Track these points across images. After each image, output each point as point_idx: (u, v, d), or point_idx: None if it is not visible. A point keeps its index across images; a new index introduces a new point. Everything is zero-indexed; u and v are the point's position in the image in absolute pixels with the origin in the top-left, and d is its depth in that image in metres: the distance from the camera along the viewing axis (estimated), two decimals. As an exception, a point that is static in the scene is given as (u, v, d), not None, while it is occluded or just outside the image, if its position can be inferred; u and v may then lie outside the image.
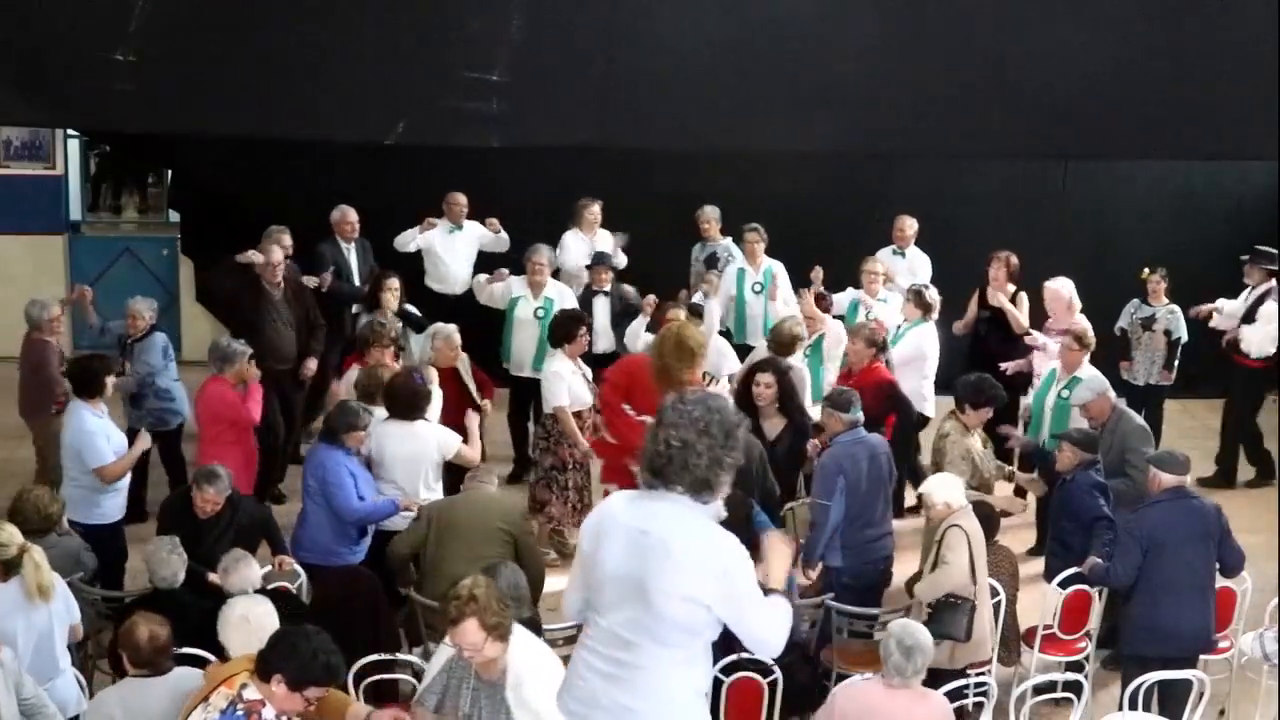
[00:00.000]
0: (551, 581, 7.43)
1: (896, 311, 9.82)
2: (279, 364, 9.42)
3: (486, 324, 10.11)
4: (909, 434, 8.47)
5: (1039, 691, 6.36)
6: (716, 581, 4.00)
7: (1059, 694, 6.54)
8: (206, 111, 6.28)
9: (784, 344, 8.73)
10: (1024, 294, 10.11)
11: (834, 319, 9.73)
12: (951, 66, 6.00)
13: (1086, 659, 7.30)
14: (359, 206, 10.62)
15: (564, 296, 9.91)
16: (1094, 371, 8.83)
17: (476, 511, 6.95)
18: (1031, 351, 9.65)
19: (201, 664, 5.76)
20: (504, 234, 10.79)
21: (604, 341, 9.73)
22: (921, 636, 5.46)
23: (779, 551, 4.35)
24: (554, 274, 10.12)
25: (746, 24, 6.06)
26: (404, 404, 7.63)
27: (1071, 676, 6.54)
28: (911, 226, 11.05)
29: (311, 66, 6.06)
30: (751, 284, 10.51)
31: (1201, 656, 6.81)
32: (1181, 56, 5.89)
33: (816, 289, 9.75)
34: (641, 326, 9.39)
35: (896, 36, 6.03)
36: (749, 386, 8.06)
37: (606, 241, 10.89)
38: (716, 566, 4.01)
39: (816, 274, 9.80)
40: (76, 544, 7.00)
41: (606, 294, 10.10)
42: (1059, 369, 8.86)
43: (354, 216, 10.54)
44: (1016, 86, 6.01)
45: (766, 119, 6.24)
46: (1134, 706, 6.31)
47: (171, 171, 13.38)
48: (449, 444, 7.71)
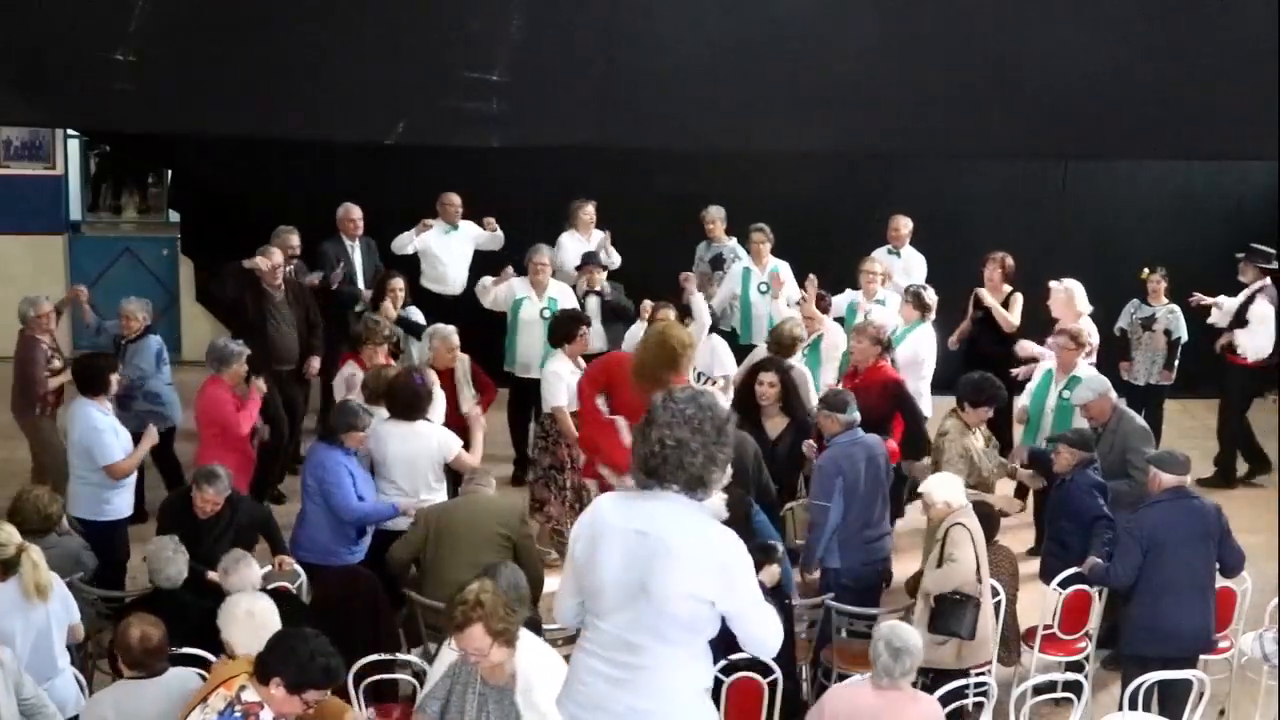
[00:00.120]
0: (552, 582, 7.44)
1: (894, 313, 9.77)
2: (281, 364, 9.44)
3: (484, 325, 10.10)
4: (918, 434, 8.43)
5: (1039, 691, 6.36)
6: (717, 576, 4.01)
7: (1059, 694, 6.54)
8: (206, 111, 6.28)
9: (784, 345, 8.73)
10: (1019, 294, 10.07)
11: (833, 321, 9.73)
12: (951, 66, 5.99)
13: (1086, 659, 7.30)
14: (359, 206, 10.63)
15: (565, 296, 9.92)
16: (1093, 371, 8.81)
17: (474, 516, 6.95)
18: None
19: (201, 664, 5.78)
20: (499, 233, 10.79)
21: (596, 341, 9.72)
22: (910, 638, 5.44)
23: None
24: (551, 274, 10.11)
25: (746, 24, 6.05)
26: (404, 404, 7.63)
27: (1071, 676, 6.54)
28: (906, 226, 11.03)
29: (311, 66, 6.05)
30: (757, 284, 10.51)
31: (1201, 656, 6.81)
32: (1181, 56, 5.89)
33: (816, 290, 9.74)
34: (640, 330, 9.36)
35: (896, 36, 6.02)
36: (751, 386, 8.06)
37: (604, 242, 10.90)
38: (716, 562, 4.01)
39: (811, 282, 9.80)
40: (76, 544, 7.01)
41: (597, 293, 10.09)
42: (1055, 369, 8.85)
43: (357, 214, 10.55)
44: (1016, 86, 6.00)
45: (766, 119, 6.23)
46: (1134, 706, 6.31)
47: (171, 171, 13.39)
48: (450, 446, 7.71)
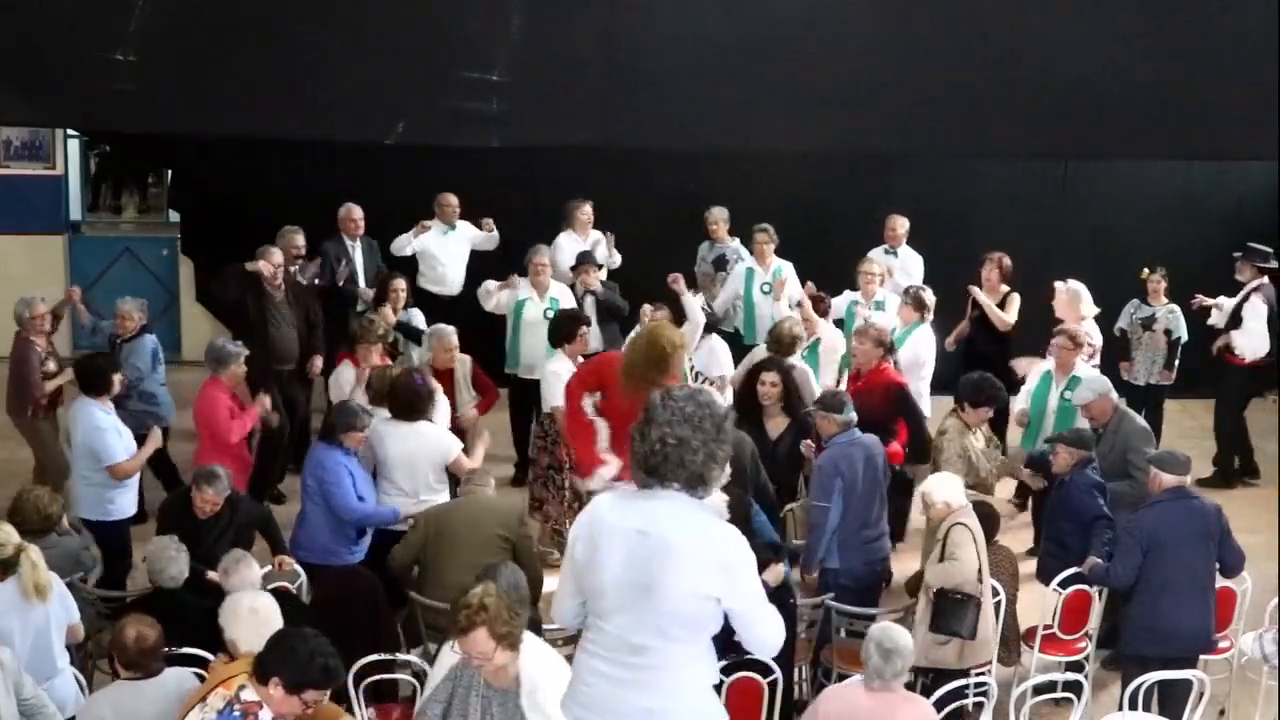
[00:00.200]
0: (551, 582, 7.43)
1: (893, 315, 9.72)
2: (281, 364, 9.44)
3: (483, 326, 10.08)
4: (921, 438, 8.37)
5: (1039, 691, 6.36)
6: (720, 574, 4.00)
7: (1059, 694, 6.53)
8: (206, 111, 6.29)
9: (783, 344, 8.70)
10: (1016, 295, 10.07)
11: (833, 324, 9.70)
12: (951, 66, 6.00)
13: (1086, 659, 7.29)
14: (360, 206, 10.62)
15: (566, 297, 9.91)
16: (1094, 371, 8.80)
17: (474, 518, 6.91)
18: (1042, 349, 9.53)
19: (202, 664, 5.77)
20: (495, 233, 10.79)
21: (593, 341, 9.70)
22: (901, 639, 5.41)
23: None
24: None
25: (747, 24, 6.05)
26: (404, 404, 7.62)
27: (1071, 676, 6.53)
28: (903, 225, 11.01)
29: (311, 66, 6.06)
30: (760, 284, 10.47)
31: (1201, 656, 6.81)
32: (1181, 56, 5.89)
33: (814, 293, 9.73)
34: None
35: (896, 36, 6.03)
36: (753, 386, 8.05)
37: (602, 243, 10.89)
38: (719, 559, 4.01)
39: (809, 287, 9.79)
40: (76, 544, 7.00)
41: (593, 293, 10.09)
42: (1055, 369, 8.84)
43: (358, 214, 10.54)
44: (1016, 86, 6.01)
45: (766, 119, 6.24)
46: (1134, 706, 6.31)
47: (171, 171, 13.37)
48: (450, 448, 7.69)
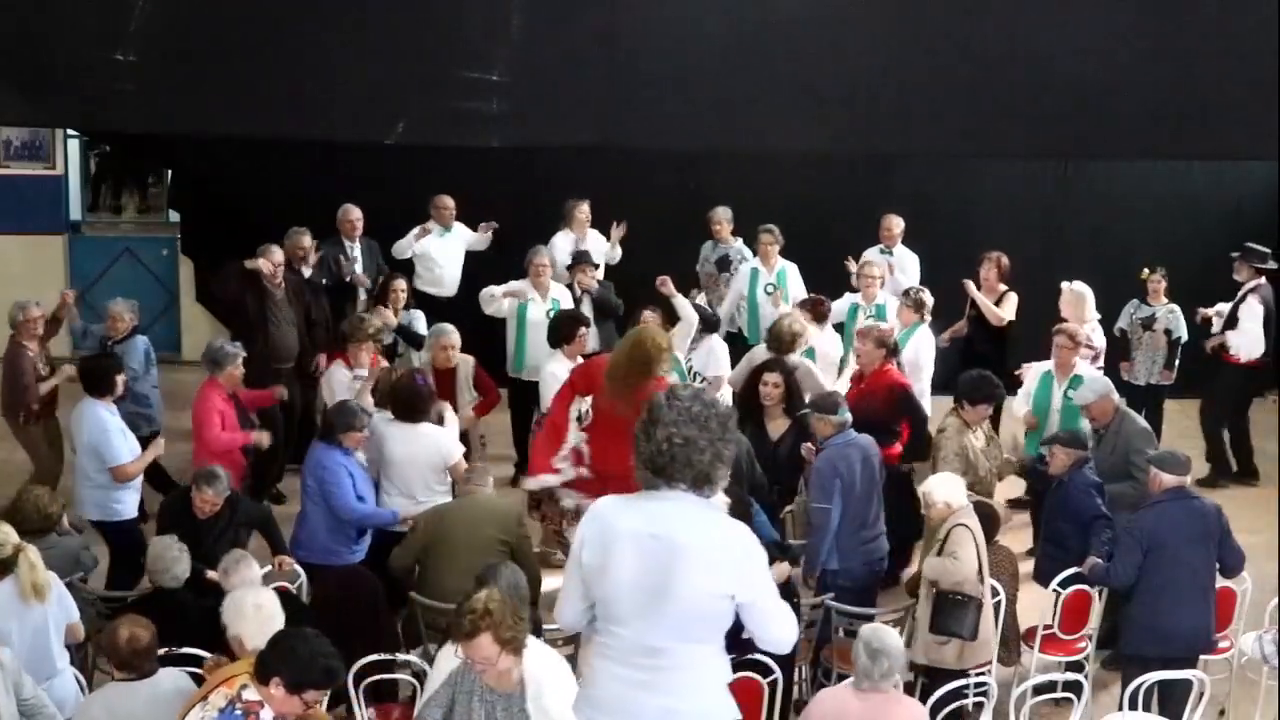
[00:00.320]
0: (552, 581, 7.43)
1: (892, 316, 9.72)
2: (281, 363, 9.44)
3: (482, 327, 10.05)
4: (922, 437, 8.37)
5: (1039, 691, 6.36)
6: (735, 571, 4.00)
7: (1059, 694, 6.53)
8: (206, 111, 6.28)
9: (784, 341, 8.69)
10: (1012, 293, 10.11)
11: (832, 329, 9.68)
12: (951, 66, 5.99)
13: (1086, 659, 7.29)
14: (359, 206, 10.62)
15: (566, 298, 9.91)
16: (1095, 371, 8.80)
17: (472, 522, 6.88)
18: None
19: (201, 664, 5.76)
20: (488, 234, 10.81)
21: (590, 341, 9.70)
22: (889, 640, 5.41)
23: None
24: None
25: (747, 24, 6.05)
26: (404, 405, 7.62)
27: (1071, 676, 6.54)
28: (899, 225, 11.02)
29: (311, 66, 6.05)
30: (764, 285, 10.46)
31: (1201, 656, 6.81)
32: (1181, 56, 5.89)
33: (815, 296, 9.73)
34: None
35: (897, 36, 6.02)
36: (755, 386, 8.05)
37: (597, 241, 10.87)
38: (733, 556, 4.01)
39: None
40: (76, 544, 7.01)
41: (588, 293, 10.07)
42: (1055, 369, 8.84)
43: (356, 215, 10.54)
44: (1016, 86, 6.00)
45: (766, 119, 6.24)
46: (1134, 706, 6.31)
47: (171, 171, 13.38)
48: (451, 451, 7.68)
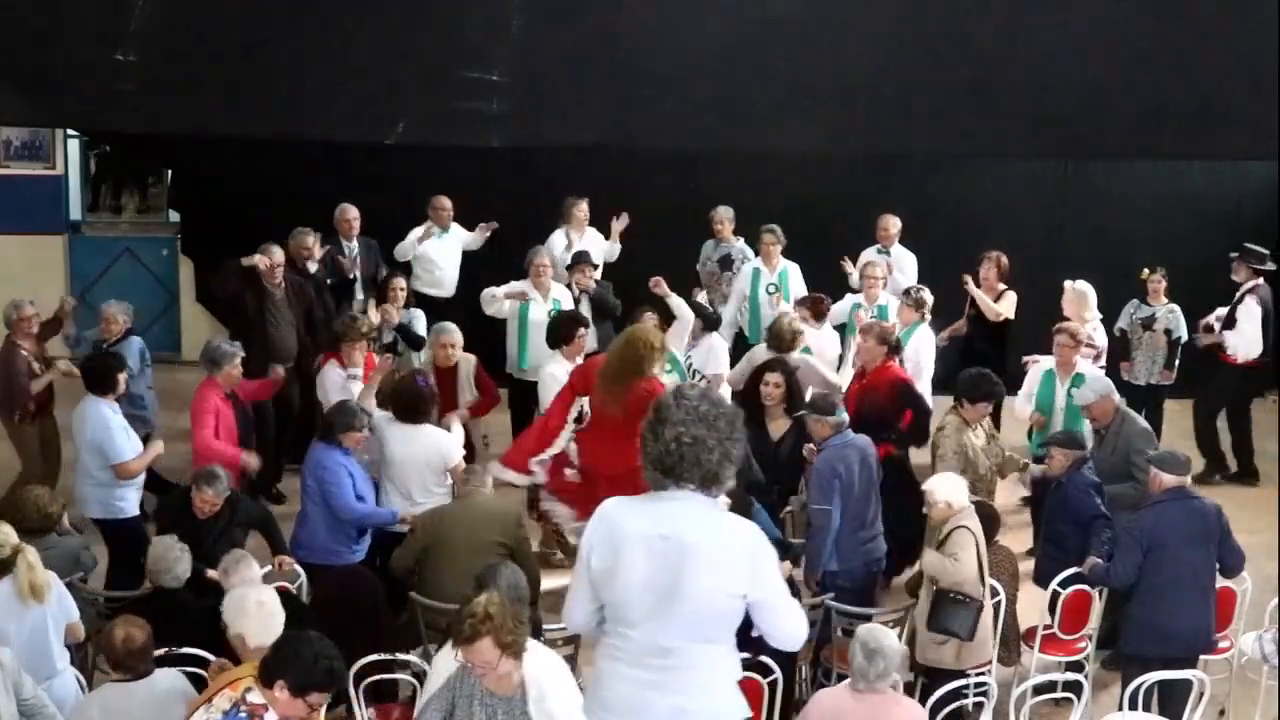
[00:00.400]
0: (553, 581, 7.44)
1: (893, 317, 9.72)
2: (280, 363, 9.44)
3: (480, 328, 10.05)
4: (924, 423, 8.41)
5: (1039, 691, 6.36)
6: (746, 569, 4.01)
7: (1059, 694, 6.54)
8: (206, 111, 6.27)
9: (785, 340, 8.70)
10: (1011, 292, 10.15)
11: (832, 329, 9.67)
12: (951, 66, 5.98)
13: (1086, 659, 7.29)
14: (359, 206, 10.62)
15: (567, 298, 9.90)
16: (1097, 371, 8.80)
17: (471, 526, 6.86)
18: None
19: (202, 664, 5.77)
20: (485, 233, 10.81)
21: (589, 342, 9.70)
22: (885, 640, 5.40)
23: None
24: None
25: (747, 24, 6.04)
26: (405, 405, 7.62)
27: (1071, 676, 6.54)
28: (895, 225, 11.04)
29: (311, 66, 6.05)
30: (766, 285, 10.45)
31: (1201, 656, 6.81)
32: (1181, 56, 5.88)
33: (817, 296, 9.73)
34: None
35: (896, 36, 6.02)
36: (756, 386, 8.04)
37: (595, 239, 10.87)
38: (743, 554, 4.01)
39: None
40: (76, 544, 7.02)
41: (586, 293, 10.06)
42: (1056, 368, 8.84)
43: (353, 214, 10.54)
44: (1016, 86, 6.00)
45: (766, 119, 6.23)
46: (1134, 706, 6.31)
47: (171, 171, 13.38)
48: (451, 453, 7.67)
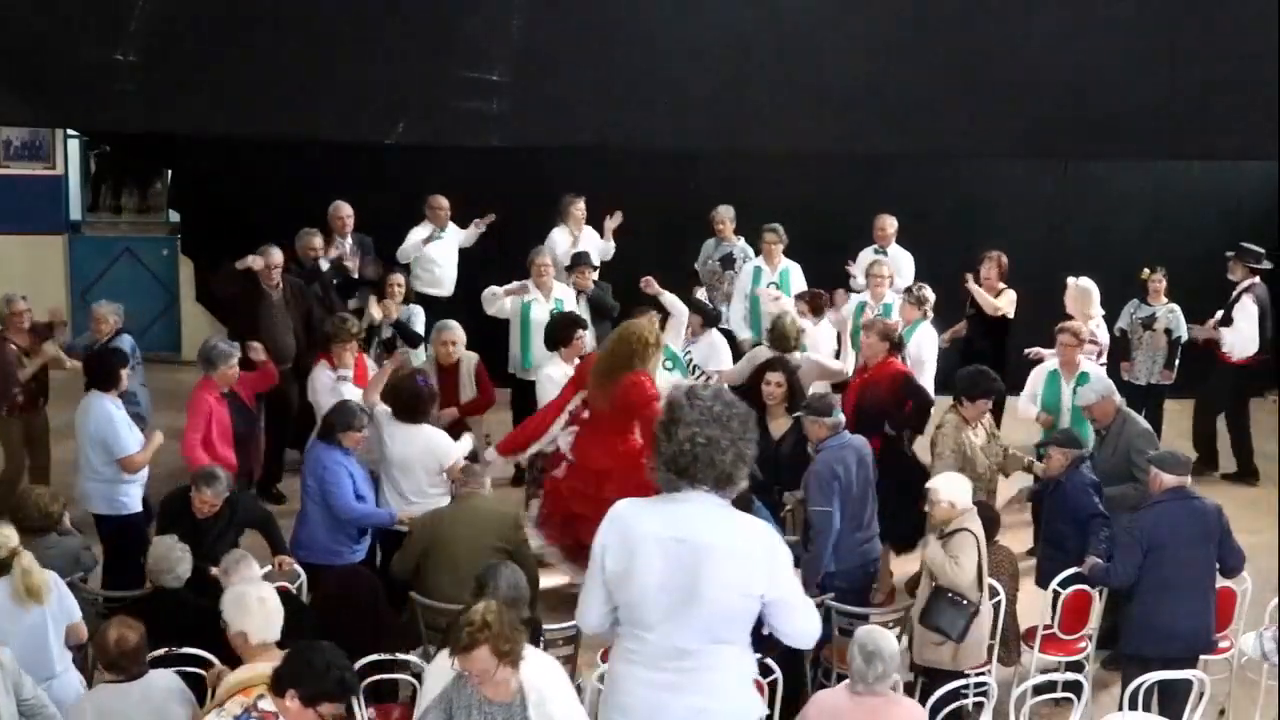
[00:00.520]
0: (551, 580, 7.45)
1: (896, 315, 9.71)
2: (279, 364, 9.44)
3: (484, 328, 10.05)
4: (927, 412, 8.47)
5: (1039, 691, 6.36)
6: (762, 568, 4.02)
7: (1059, 694, 6.54)
8: (206, 111, 6.27)
9: (786, 338, 8.71)
10: (1011, 291, 10.17)
11: (828, 324, 9.66)
12: (950, 66, 5.98)
13: (1086, 659, 7.29)
14: (359, 206, 10.63)
15: (568, 298, 9.90)
16: (1100, 371, 8.80)
17: (470, 529, 6.83)
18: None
19: (202, 664, 5.77)
20: (480, 229, 10.83)
21: (588, 343, 9.69)
22: (884, 642, 5.38)
23: None
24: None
25: (747, 24, 6.04)
26: (404, 405, 7.61)
27: (1071, 676, 6.54)
28: (892, 225, 11.07)
29: (311, 66, 6.04)
30: (767, 284, 10.46)
31: (1201, 656, 6.81)
32: (1181, 56, 5.88)
33: (815, 291, 9.74)
34: None
35: (896, 36, 6.02)
36: (758, 385, 8.05)
37: (592, 237, 10.87)
38: (759, 554, 4.02)
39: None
40: (76, 543, 7.01)
41: (584, 293, 10.05)
42: (1060, 367, 8.84)
43: (346, 211, 10.55)
44: (1015, 86, 6.00)
45: (766, 119, 6.23)
46: (1134, 706, 6.31)
47: (171, 171, 13.40)
48: (448, 453, 7.65)
